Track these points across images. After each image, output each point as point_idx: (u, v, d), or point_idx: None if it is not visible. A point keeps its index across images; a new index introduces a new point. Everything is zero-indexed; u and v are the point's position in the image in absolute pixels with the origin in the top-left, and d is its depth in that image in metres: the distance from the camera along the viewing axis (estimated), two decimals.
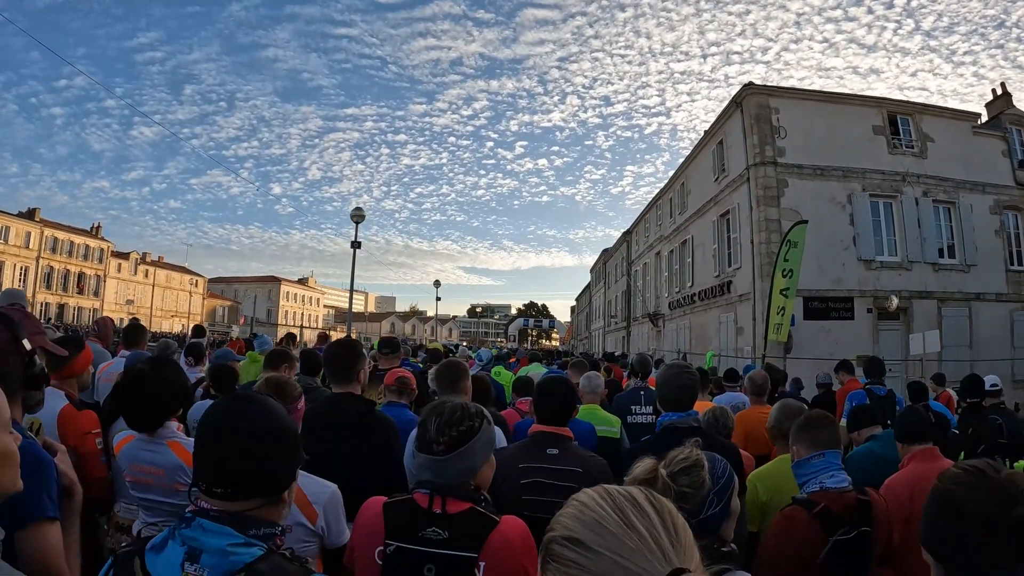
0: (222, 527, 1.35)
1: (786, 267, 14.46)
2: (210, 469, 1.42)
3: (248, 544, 1.34)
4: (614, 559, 0.85)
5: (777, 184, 19.92)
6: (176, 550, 1.33)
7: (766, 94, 20.96)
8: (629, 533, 0.87)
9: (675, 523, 0.91)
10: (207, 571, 1.29)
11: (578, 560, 0.87)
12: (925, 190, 20.92)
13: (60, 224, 69.47)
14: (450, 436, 2.01)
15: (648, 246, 36.98)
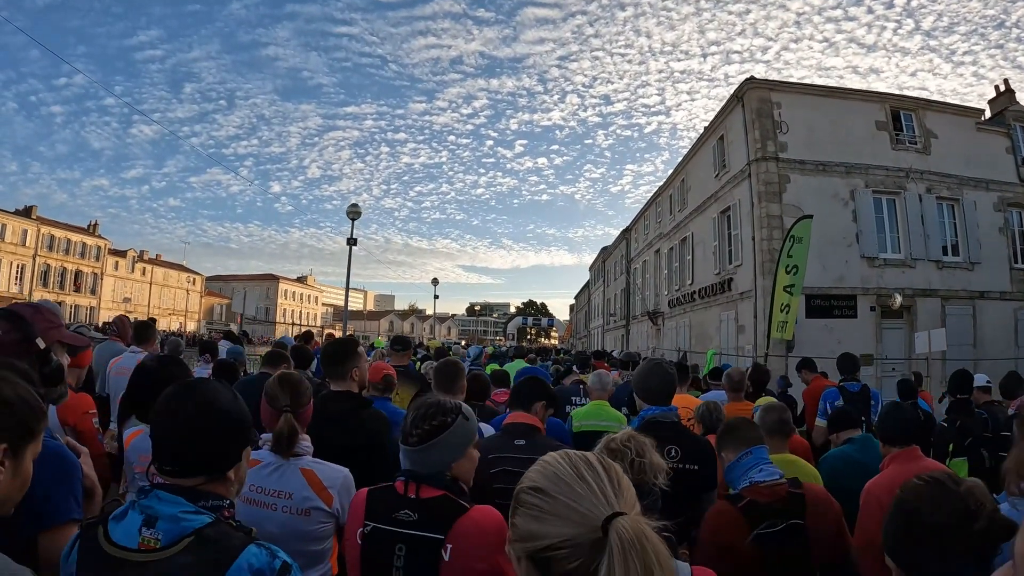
0: (175, 497, 1.51)
1: (790, 263, 14.02)
2: (159, 449, 1.60)
3: (198, 512, 1.50)
4: (567, 502, 1.08)
5: (779, 180, 19.58)
6: (135, 518, 1.48)
7: (768, 88, 20.62)
8: (580, 483, 1.10)
9: (620, 480, 1.14)
10: (161, 535, 1.45)
11: (539, 504, 1.11)
12: (929, 187, 20.64)
13: (57, 222, 69.11)
14: (423, 430, 2.16)
15: (647, 244, 36.68)
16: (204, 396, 1.65)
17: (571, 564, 1.03)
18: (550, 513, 1.08)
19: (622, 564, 0.98)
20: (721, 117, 23.25)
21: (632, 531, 1.01)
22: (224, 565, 1.45)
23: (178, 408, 1.62)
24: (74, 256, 69.92)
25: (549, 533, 1.07)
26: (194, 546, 1.45)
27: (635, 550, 0.99)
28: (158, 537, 1.45)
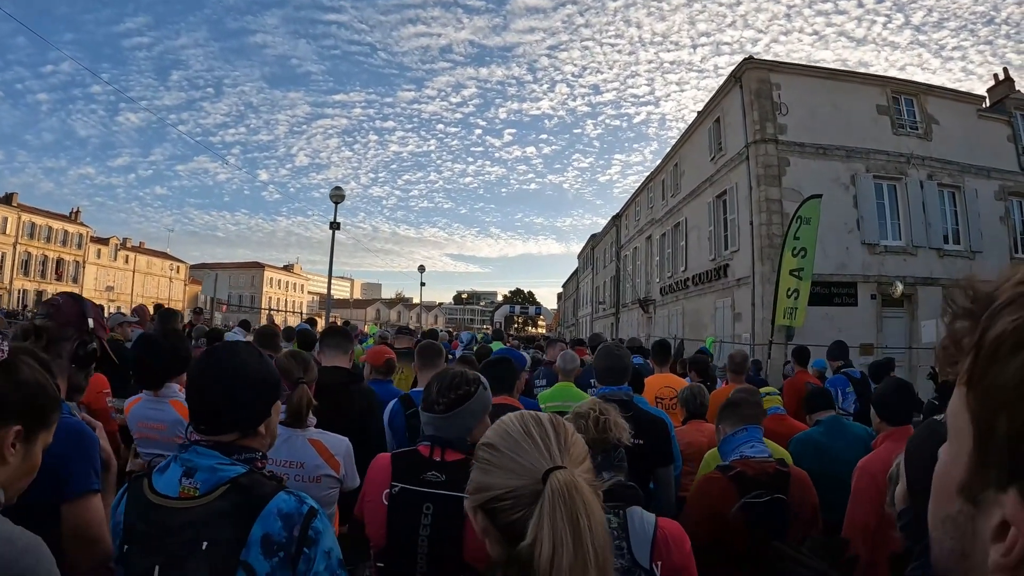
0: (211, 451, 1.68)
1: (797, 246, 13.21)
2: (195, 410, 1.78)
3: (232, 464, 1.67)
4: (512, 456, 1.19)
5: (778, 163, 18.94)
6: (176, 469, 1.66)
7: (767, 69, 19.95)
8: (527, 439, 1.21)
9: (567, 438, 1.23)
10: (199, 484, 1.62)
11: (489, 458, 1.23)
12: (930, 173, 20.19)
13: (38, 209, 67.90)
14: (448, 398, 2.32)
15: (638, 230, 35.97)
16: (232, 359, 1.78)
17: (515, 515, 1.14)
18: (497, 466, 1.20)
19: (550, 513, 1.07)
20: (718, 99, 22.56)
21: (563, 483, 1.09)
22: (256, 509, 1.59)
23: (209, 371, 1.77)
24: (56, 244, 68.78)
25: (495, 484, 1.19)
26: (230, 493, 1.60)
27: (563, 500, 1.07)
28: (197, 486, 1.61)
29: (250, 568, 1.55)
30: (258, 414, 1.79)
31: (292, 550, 1.59)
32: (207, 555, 1.54)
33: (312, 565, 1.62)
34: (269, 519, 1.59)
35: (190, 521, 1.57)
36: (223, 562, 1.54)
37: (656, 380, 5.96)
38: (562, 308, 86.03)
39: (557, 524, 1.05)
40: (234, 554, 1.55)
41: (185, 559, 1.55)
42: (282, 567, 1.58)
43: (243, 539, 1.56)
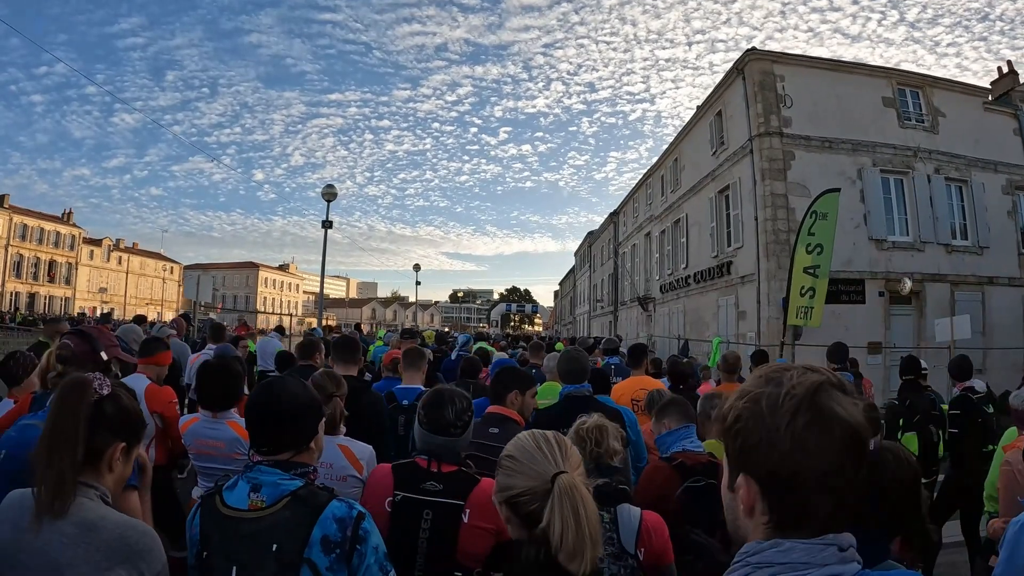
0: (273, 469, 1.98)
1: (812, 242, 12.55)
2: (255, 435, 2.08)
3: (291, 479, 1.97)
4: (527, 463, 1.72)
5: (783, 156, 18.43)
6: (243, 486, 1.95)
7: (770, 60, 19.40)
8: (538, 452, 1.74)
9: (567, 450, 1.78)
10: (265, 497, 1.92)
11: (511, 466, 1.75)
12: (937, 167, 19.79)
13: (30, 211, 67.35)
14: (463, 421, 2.74)
15: (637, 227, 35.41)
16: (283, 392, 2.10)
17: (531, 507, 1.67)
18: (518, 472, 1.73)
19: (559, 507, 1.58)
20: (719, 91, 22.00)
21: (567, 484, 1.63)
22: (315, 515, 1.90)
23: (265, 403, 2.09)
24: (48, 245, 68.37)
25: (517, 485, 1.71)
26: (291, 503, 1.91)
27: (568, 496, 1.60)
28: (263, 499, 1.92)
29: (313, 564, 1.84)
30: (308, 435, 2.10)
31: (346, 548, 1.90)
32: (276, 555, 1.83)
33: (364, 559, 1.92)
34: (326, 522, 1.89)
35: (261, 529, 1.87)
36: (290, 560, 1.84)
37: (631, 383, 6.08)
38: (559, 306, 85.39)
39: (564, 512, 1.57)
40: (299, 553, 1.84)
41: (260, 560, 1.84)
42: (338, 562, 1.88)
43: (306, 540, 1.86)
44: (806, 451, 1.03)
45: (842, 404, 1.05)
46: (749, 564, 1.08)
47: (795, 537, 1.06)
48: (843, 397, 1.06)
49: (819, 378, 1.08)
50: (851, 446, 1.04)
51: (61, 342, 3.06)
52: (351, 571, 1.92)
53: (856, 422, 1.05)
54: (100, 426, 1.91)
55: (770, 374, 1.12)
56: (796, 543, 1.05)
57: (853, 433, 1.04)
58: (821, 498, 1.05)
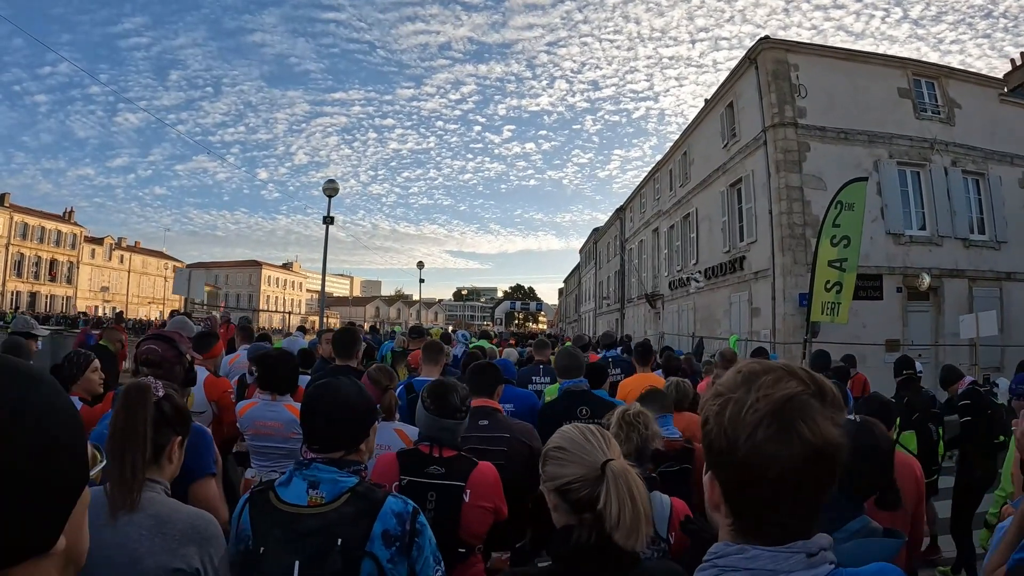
0: (329, 467, 2.05)
1: (837, 234, 11.86)
2: (309, 433, 2.18)
3: (348, 476, 2.06)
4: (577, 453, 1.78)
5: (798, 147, 17.89)
6: (300, 484, 2.02)
7: (784, 49, 18.86)
8: (587, 442, 1.81)
9: (609, 440, 1.86)
10: (325, 493, 1.99)
11: (561, 456, 1.81)
12: (954, 159, 19.33)
13: (31, 209, 67.15)
14: (466, 407, 2.95)
15: (644, 222, 34.83)
16: (338, 393, 2.20)
17: (581, 493, 1.73)
18: (568, 461, 1.79)
19: (615, 489, 1.66)
20: (731, 82, 21.43)
21: (620, 468, 1.72)
22: (375, 511, 2.00)
23: (319, 403, 2.19)
24: (49, 244, 68.19)
25: (568, 473, 1.77)
26: (352, 500, 2.00)
27: (622, 479, 1.69)
28: (323, 495, 1.99)
29: (375, 557, 1.95)
30: (360, 435, 2.20)
31: (406, 540, 2.03)
32: (342, 549, 1.91)
33: (422, 551, 2.06)
34: (386, 517, 2.01)
35: (325, 524, 1.94)
36: (354, 554, 1.93)
37: (639, 380, 6.14)
38: (563, 304, 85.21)
39: (621, 493, 1.66)
40: (362, 547, 1.94)
41: (325, 555, 1.91)
42: (399, 554, 2.01)
43: (367, 535, 1.96)
44: (765, 463, 1.04)
45: (811, 419, 1.05)
46: (717, 566, 1.11)
47: (758, 540, 1.08)
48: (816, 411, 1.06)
49: (792, 390, 1.07)
50: (815, 460, 1.04)
51: (147, 347, 3.34)
52: (410, 563, 2.03)
53: (822, 440, 1.04)
54: (161, 424, 2.13)
55: (747, 374, 1.12)
56: (762, 550, 1.07)
57: (817, 449, 1.04)
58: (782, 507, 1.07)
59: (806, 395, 1.06)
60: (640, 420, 2.89)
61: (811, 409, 1.05)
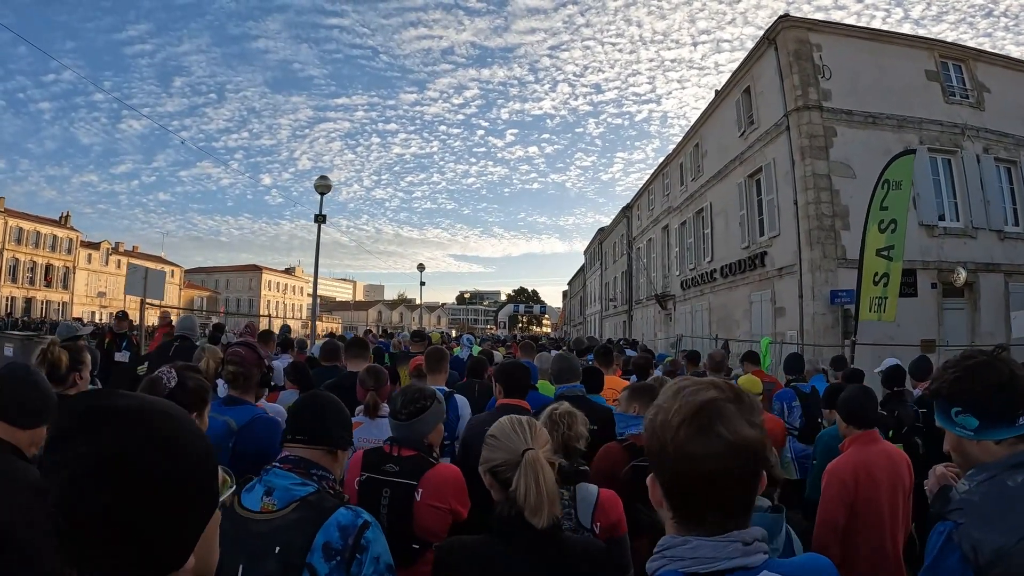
0: (288, 474, 2.08)
1: (884, 218, 10.44)
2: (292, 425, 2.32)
3: (304, 484, 2.06)
4: (504, 441, 2.15)
5: (824, 132, 16.61)
6: (259, 489, 2.06)
7: (806, 28, 17.62)
8: (512, 432, 2.17)
9: (534, 431, 2.20)
10: (277, 501, 2.01)
11: (491, 442, 2.19)
12: (985, 146, 18.11)
13: (26, 214, 66.18)
14: (409, 411, 3.03)
15: (653, 220, 33.36)
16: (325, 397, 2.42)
17: (507, 475, 2.06)
18: (496, 448, 2.16)
19: (524, 474, 1.99)
20: (747, 65, 20.16)
21: (532, 457, 2.03)
22: (320, 521, 1.96)
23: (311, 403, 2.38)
24: (44, 249, 67.12)
25: (496, 458, 2.14)
26: (300, 508, 1.99)
27: (531, 468, 2.00)
28: (275, 503, 2.01)
29: (313, 569, 1.90)
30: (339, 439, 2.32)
31: (347, 555, 1.95)
32: (279, 556, 1.90)
33: (363, 568, 1.96)
34: (330, 529, 1.96)
35: (268, 530, 1.95)
36: (292, 563, 1.90)
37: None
38: (568, 306, 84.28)
39: (528, 478, 1.98)
40: (301, 556, 1.90)
41: (263, 560, 1.90)
42: (338, 569, 1.93)
43: (308, 545, 1.92)
44: (690, 461, 1.18)
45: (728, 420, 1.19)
46: (665, 556, 1.22)
47: (698, 531, 1.21)
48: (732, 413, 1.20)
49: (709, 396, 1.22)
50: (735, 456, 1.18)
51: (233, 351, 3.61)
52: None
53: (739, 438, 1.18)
54: None
55: (677, 388, 1.28)
56: (703, 541, 1.19)
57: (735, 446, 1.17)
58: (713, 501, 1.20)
59: (723, 400, 1.21)
60: (564, 420, 2.99)
61: (727, 412, 1.20)
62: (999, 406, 1.88)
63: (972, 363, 1.94)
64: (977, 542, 1.70)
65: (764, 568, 1.18)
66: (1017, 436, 1.87)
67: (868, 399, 3.78)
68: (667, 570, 1.20)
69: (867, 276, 10.41)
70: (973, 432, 1.91)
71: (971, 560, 1.70)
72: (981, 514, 1.76)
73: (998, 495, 1.78)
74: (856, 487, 3.38)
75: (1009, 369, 1.89)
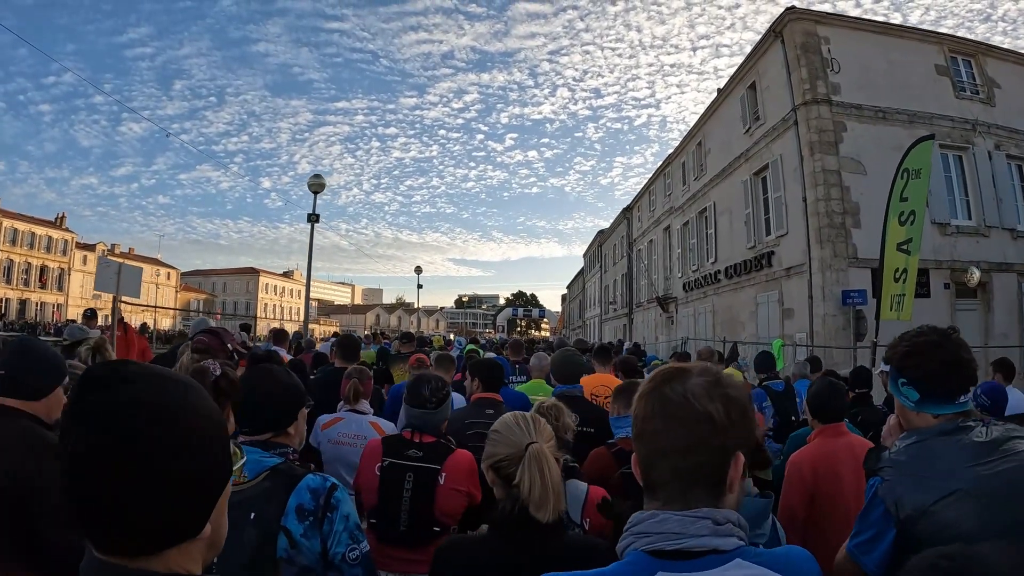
0: (254, 448, 2.18)
1: (904, 210, 9.76)
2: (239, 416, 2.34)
3: (271, 456, 2.18)
4: (507, 435, 2.13)
5: (834, 127, 16.10)
6: None
7: (813, 20, 17.12)
8: (516, 427, 2.15)
9: (538, 425, 2.18)
10: (248, 471, 2.07)
11: (495, 437, 2.17)
12: (997, 142, 17.66)
13: (21, 215, 65.58)
14: (438, 397, 3.20)
15: (654, 221, 32.75)
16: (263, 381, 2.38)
17: (509, 470, 2.03)
18: (499, 443, 2.14)
19: (528, 468, 1.96)
20: (752, 60, 19.67)
21: (537, 451, 2.00)
22: (292, 486, 2.09)
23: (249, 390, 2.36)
24: (39, 251, 66.51)
25: (499, 452, 2.12)
26: (271, 476, 2.11)
27: (536, 461, 1.97)
28: (246, 474, 2.07)
29: (288, 531, 2.03)
30: (283, 420, 2.34)
31: (319, 515, 2.09)
32: (255, 522, 2.00)
33: (333, 525, 2.11)
34: (301, 492, 2.09)
35: (242, 500, 1.96)
36: (268, 527, 2.02)
37: (594, 379, 6.11)
38: (567, 310, 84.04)
39: (533, 472, 1.94)
40: (276, 520, 2.03)
41: (242, 527, 1.94)
42: (311, 528, 2.07)
43: (282, 509, 2.04)
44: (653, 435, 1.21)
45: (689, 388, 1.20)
46: (632, 533, 1.20)
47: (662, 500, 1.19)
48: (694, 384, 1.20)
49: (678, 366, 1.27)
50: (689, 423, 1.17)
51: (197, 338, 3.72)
52: (322, 537, 2.09)
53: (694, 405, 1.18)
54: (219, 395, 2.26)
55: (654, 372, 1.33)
56: (670, 514, 1.16)
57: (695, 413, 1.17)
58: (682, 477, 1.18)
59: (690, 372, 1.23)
60: (552, 412, 3.01)
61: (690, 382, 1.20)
62: (940, 384, 2.02)
63: (922, 340, 2.07)
64: (899, 498, 1.89)
65: (738, 555, 1.14)
66: (955, 412, 2.01)
67: (834, 393, 3.84)
68: (632, 550, 1.19)
69: (888, 272, 9.77)
70: (914, 404, 2.06)
71: (893, 514, 1.89)
72: (906, 473, 1.94)
73: (923, 457, 1.94)
74: (815, 479, 3.43)
75: (956, 351, 2.02)
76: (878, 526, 1.95)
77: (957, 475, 1.84)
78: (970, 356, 2.02)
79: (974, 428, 1.96)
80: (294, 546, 2.02)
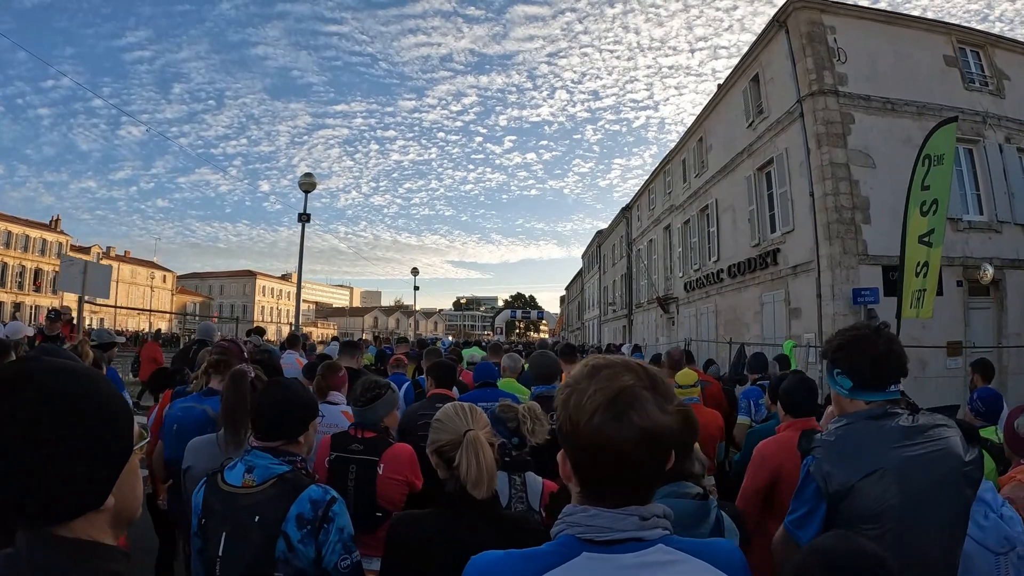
0: (265, 454, 2.39)
1: (927, 199, 9.02)
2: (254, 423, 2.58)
3: (280, 464, 2.37)
4: (447, 423, 2.37)
5: (842, 119, 15.49)
6: (240, 467, 2.37)
7: (818, 9, 16.47)
8: (456, 416, 2.38)
9: (476, 415, 2.41)
10: (256, 477, 2.31)
11: (437, 425, 2.40)
12: (1007, 135, 17.05)
13: (16, 217, 65.82)
14: (366, 397, 3.52)
15: (654, 220, 32.18)
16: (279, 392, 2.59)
17: (451, 453, 2.25)
18: (441, 430, 2.37)
19: (466, 452, 2.18)
20: (755, 52, 19.06)
21: (473, 437, 2.22)
22: (295, 495, 2.28)
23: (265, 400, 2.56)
24: (33, 253, 66.74)
25: (441, 439, 2.35)
26: (277, 483, 2.31)
27: (472, 446, 2.19)
28: (255, 479, 2.31)
29: (287, 535, 2.23)
30: (298, 428, 2.55)
31: (316, 524, 2.28)
32: (259, 525, 2.22)
33: (329, 536, 2.30)
34: (303, 502, 2.28)
35: (249, 503, 2.26)
36: (270, 530, 2.22)
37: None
38: (565, 312, 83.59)
39: (470, 455, 2.17)
40: (277, 525, 2.23)
41: (246, 528, 2.23)
42: (308, 536, 2.26)
43: (283, 515, 2.24)
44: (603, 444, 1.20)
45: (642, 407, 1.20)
46: (565, 522, 1.28)
47: (601, 505, 1.25)
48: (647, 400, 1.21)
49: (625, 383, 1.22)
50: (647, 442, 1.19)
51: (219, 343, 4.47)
52: (318, 545, 2.29)
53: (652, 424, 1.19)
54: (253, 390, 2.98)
55: (591, 367, 1.29)
56: (601, 511, 1.24)
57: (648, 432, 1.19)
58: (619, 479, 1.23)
59: (639, 387, 1.21)
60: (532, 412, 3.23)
61: (643, 399, 1.20)
62: (871, 374, 2.27)
63: (854, 334, 2.32)
64: (827, 474, 2.10)
65: (660, 542, 1.22)
66: (885, 400, 2.25)
67: (805, 389, 3.86)
68: (565, 534, 1.26)
69: (909, 267, 9.06)
70: (847, 392, 2.32)
71: (823, 489, 2.09)
72: (834, 452, 2.15)
73: (851, 438, 2.17)
74: (778, 466, 3.42)
75: (886, 344, 2.26)
76: (811, 503, 2.13)
77: (881, 455, 2.07)
78: (900, 350, 2.28)
79: (901, 415, 2.19)
80: (291, 550, 2.24)
